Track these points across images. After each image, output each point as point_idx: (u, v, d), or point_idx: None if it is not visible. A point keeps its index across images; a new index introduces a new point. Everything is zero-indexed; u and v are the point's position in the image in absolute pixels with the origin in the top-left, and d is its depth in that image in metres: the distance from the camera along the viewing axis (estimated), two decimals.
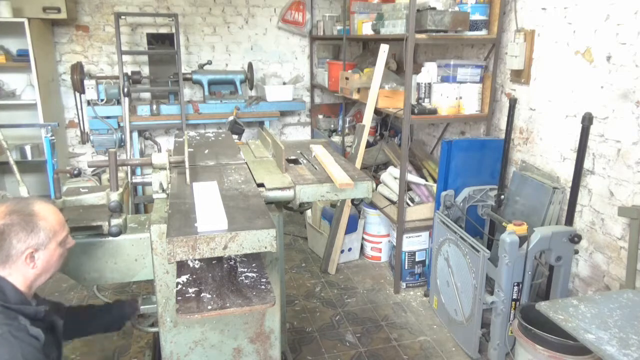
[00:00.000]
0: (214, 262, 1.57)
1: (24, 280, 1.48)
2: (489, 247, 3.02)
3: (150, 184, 1.90)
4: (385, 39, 3.58)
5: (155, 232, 1.66)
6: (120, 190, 1.77)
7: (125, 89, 4.21)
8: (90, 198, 1.81)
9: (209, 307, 1.37)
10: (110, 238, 1.75)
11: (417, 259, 3.55)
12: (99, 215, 1.77)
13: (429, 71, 3.36)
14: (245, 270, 1.55)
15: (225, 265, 1.58)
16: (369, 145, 4.24)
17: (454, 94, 3.29)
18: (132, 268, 1.80)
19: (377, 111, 3.62)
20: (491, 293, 2.65)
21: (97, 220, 1.71)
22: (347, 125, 5.01)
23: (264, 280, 1.50)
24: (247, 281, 1.50)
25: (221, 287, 1.47)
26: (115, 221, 1.72)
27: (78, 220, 1.77)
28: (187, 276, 1.52)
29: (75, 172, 1.94)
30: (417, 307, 3.33)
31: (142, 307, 2.00)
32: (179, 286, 1.47)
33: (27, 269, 1.47)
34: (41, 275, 1.52)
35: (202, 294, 1.43)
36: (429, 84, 3.34)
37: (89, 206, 1.83)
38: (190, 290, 1.46)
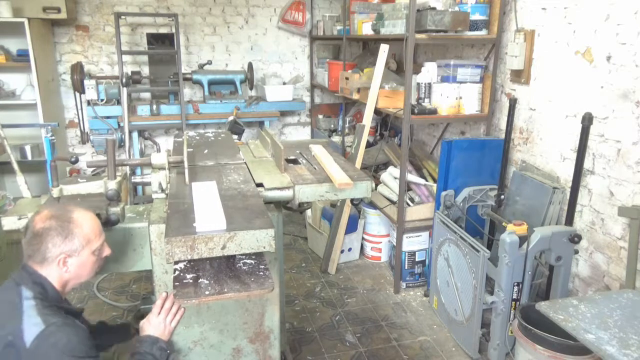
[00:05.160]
0: None
1: (58, 281, 1.55)
2: (489, 247, 3.01)
3: (149, 184, 1.90)
4: (385, 39, 3.57)
5: (154, 232, 1.65)
6: (119, 178, 1.76)
7: (125, 79, 4.21)
8: (88, 186, 1.80)
9: (207, 293, 1.37)
10: (108, 227, 1.72)
11: (417, 259, 3.54)
12: (97, 204, 1.75)
13: (429, 71, 3.35)
14: (244, 257, 1.55)
15: None
16: (369, 145, 4.24)
17: (454, 94, 3.28)
18: (130, 258, 1.78)
19: (377, 111, 3.62)
20: (491, 293, 2.65)
21: (94, 208, 1.69)
22: (347, 125, 5.01)
23: (262, 266, 1.50)
24: (245, 268, 1.50)
25: (219, 273, 1.47)
26: (113, 209, 1.70)
27: None
28: (184, 262, 1.52)
29: (73, 159, 1.94)
30: (417, 307, 3.33)
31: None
32: (177, 272, 1.47)
33: (60, 271, 1.54)
34: (74, 280, 1.59)
35: (200, 280, 1.44)
36: (429, 84, 3.34)
37: (86, 194, 1.81)
38: (188, 276, 1.46)
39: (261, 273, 1.47)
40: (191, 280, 1.43)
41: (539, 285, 2.89)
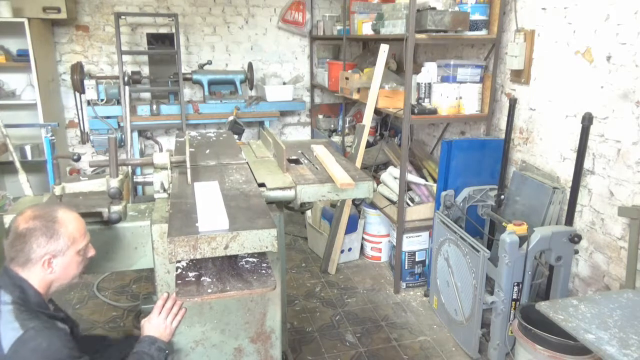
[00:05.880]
0: None
1: (41, 283, 1.52)
2: (489, 247, 3.02)
3: (151, 183, 1.90)
4: (385, 39, 3.58)
5: (156, 232, 1.66)
6: (121, 176, 1.76)
7: (126, 78, 4.22)
8: (90, 184, 1.80)
9: (209, 291, 1.37)
10: (110, 225, 1.72)
11: (417, 259, 3.55)
12: (99, 202, 1.74)
13: (429, 71, 3.36)
14: (246, 255, 1.55)
15: None
16: (369, 145, 4.24)
17: (454, 94, 3.29)
18: (131, 256, 1.78)
19: (377, 111, 3.62)
20: (491, 293, 2.66)
21: (96, 206, 1.69)
22: (347, 125, 5.02)
23: (264, 265, 1.51)
24: (247, 266, 1.50)
25: (221, 271, 1.48)
26: (115, 208, 1.70)
27: (77, 206, 1.74)
28: (187, 261, 1.52)
29: (75, 157, 1.94)
30: (417, 307, 3.33)
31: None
32: (179, 270, 1.47)
33: (45, 273, 1.51)
34: (58, 281, 1.56)
35: (202, 278, 1.44)
36: (429, 84, 3.34)
37: (88, 193, 1.81)
38: (191, 274, 1.46)
39: (263, 271, 1.47)
40: (193, 279, 1.44)
41: (539, 285, 2.89)
